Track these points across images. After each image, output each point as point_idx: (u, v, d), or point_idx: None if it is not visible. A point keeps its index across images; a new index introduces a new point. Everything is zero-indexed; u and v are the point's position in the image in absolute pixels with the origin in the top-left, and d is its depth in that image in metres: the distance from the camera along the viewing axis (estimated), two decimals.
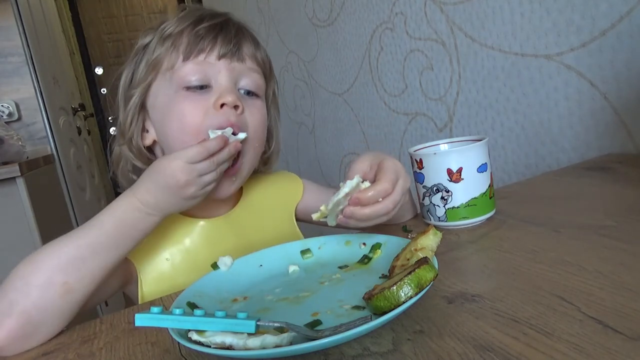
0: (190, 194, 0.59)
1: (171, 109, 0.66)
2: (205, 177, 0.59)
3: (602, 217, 0.54)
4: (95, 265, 0.56)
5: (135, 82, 0.69)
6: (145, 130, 0.71)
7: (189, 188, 0.59)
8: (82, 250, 0.55)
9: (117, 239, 0.57)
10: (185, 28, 0.67)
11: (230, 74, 0.67)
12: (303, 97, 1.97)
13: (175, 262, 0.69)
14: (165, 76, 0.67)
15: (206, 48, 0.66)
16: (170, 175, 0.58)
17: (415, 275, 0.38)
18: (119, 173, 0.73)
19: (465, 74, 1.10)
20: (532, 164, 0.98)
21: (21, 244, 1.73)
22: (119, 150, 0.72)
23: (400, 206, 0.58)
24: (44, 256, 0.54)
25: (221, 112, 0.64)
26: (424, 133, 1.31)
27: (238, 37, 0.68)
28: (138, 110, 0.69)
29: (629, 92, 0.77)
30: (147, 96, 0.69)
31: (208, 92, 0.66)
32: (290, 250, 0.58)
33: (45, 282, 0.52)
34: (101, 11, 4.34)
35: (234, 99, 0.64)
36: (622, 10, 0.75)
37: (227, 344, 0.37)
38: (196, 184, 0.59)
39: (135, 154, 0.71)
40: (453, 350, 0.34)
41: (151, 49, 0.68)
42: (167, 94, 0.67)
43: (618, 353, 0.30)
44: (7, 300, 0.52)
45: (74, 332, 0.53)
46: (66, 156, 2.34)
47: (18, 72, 2.14)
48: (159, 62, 0.67)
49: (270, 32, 2.14)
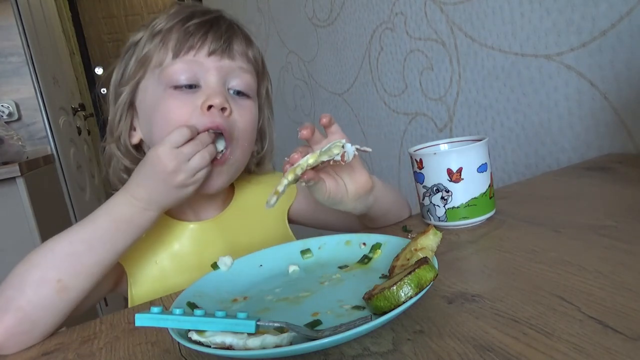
0: (180, 180, 0.58)
1: (158, 107, 0.65)
2: (193, 162, 0.58)
3: (602, 217, 0.54)
4: (90, 261, 0.55)
5: (125, 79, 0.69)
6: (133, 128, 0.70)
7: (178, 175, 0.57)
8: (75, 246, 0.55)
9: (112, 233, 0.57)
10: (175, 24, 0.66)
11: (219, 74, 0.65)
12: (303, 97, 1.97)
13: (164, 265, 0.68)
14: (154, 73, 0.66)
15: (196, 45, 0.65)
16: (157, 163, 0.57)
17: (415, 275, 0.38)
18: (110, 172, 0.72)
19: (465, 74, 1.10)
20: (532, 164, 0.98)
21: (21, 244, 1.73)
22: (110, 150, 0.71)
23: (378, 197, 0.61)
24: (39, 253, 0.55)
25: (208, 113, 0.63)
26: (424, 133, 1.31)
27: (229, 34, 0.67)
28: (127, 107, 0.69)
29: (629, 92, 0.77)
30: (136, 93, 0.68)
31: (196, 91, 0.65)
32: (290, 250, 0.58)
33: (39, 279, 0.53)
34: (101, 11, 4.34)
35: (221, 101, 0.63)
36: (622, 10, 0.75)
37: (227, 344, 0.37)
38: (185, 170, 0.57)
39: (123, 153, 0.70)
40: (453, 350, 0.34)
41: (141, 45, 0.68)
42: (155, 91, 0.66)
43: (618, 353, 0.30)
44: (4, 297, 0.52)
45: (74, 332, 0.53)
46: (66, 156, 2.34)
47: (18, 72, 2.14)
48: (148, 58, 0.66)
49: (270, 32, 2.14)
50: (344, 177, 0.57)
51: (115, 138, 0.69)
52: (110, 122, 0.70)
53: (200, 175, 0.60)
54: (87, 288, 0.56)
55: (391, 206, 0.68)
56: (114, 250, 0.57)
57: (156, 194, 0.58)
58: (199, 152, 0.58)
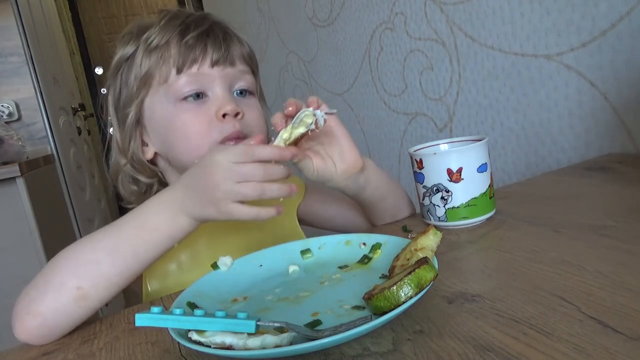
0: (215, 197, 0.50)
1: (174, 123, 0.66)
2: (240, 187, 0.50)
3: (602, 217, 0.54)
4: (110, 272, 0.53)
5: (127, 99, 0.69)
6: (145, 144, 0.71)
7: (216, 191, 0.50)
8: (97, 254, 0.53)
9: (136, 243, 0.54)
10: (171, 38, 0.66)
11: (224, 81, 0.67)
12: (303, 97, 1.97)
13: (180, 260, 0.69)
14: (158, 91, 0.67)
15: (198, 58, 0.66)
16: (208, 170, 0.51)
17: (415, 275, 0.38)
18: (119, 185, 0.73)
19: (465, 74, 1.10)
20: (532, 164, 0.98)
21: (21, 244, 1.73)
22: (117, 162, 0.72)
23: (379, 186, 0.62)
24: (64, 255, 0.54)
25: (225, 121, 0.65)
26: (424, 133, 1.31)
27: (226, 41, 0.69)
28: (135, 127, 0.70)
29: (629, 92, 0.77)
30: (142, 111, 0.69)
31: (205, 101, 0.66)
32: (290, 250, 0.58)
33: (59, 285, 0.52)
34: (101, 11, 4.34)
35: (233, 108, 0.65)
36: (622, 10, 0.75)
37: (227, 344, 0.37)
38: (225, 189, 0.50)
39: (138, 169, 0.71)
40: (453, 350, 0.34)
41: (137, 62, 0.67)
42: (164, 108, 0.67)
43: (618, 353, 0.30)
44: (28, 298, 0.52)
45: (74, 332, 0.53)
46: (66, 156, 2.34)
47: (18, 72, 2.14)
48: (150, 76, 0.67)
49: (270, 32, 2.14)
50: (333, 155, 0.60)
51: (129, 159, 0.70)
52: (118, 143, 0.71)
53: (242, 211, 0.51)
54: (107, 297, 0.54)
55: (387, 193, 0.69)
56: (137, 260, 0.54)
57: (190, 201, 0.53)
58: (253, 182, 0.50)
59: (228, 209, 0.51)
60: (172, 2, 4.43)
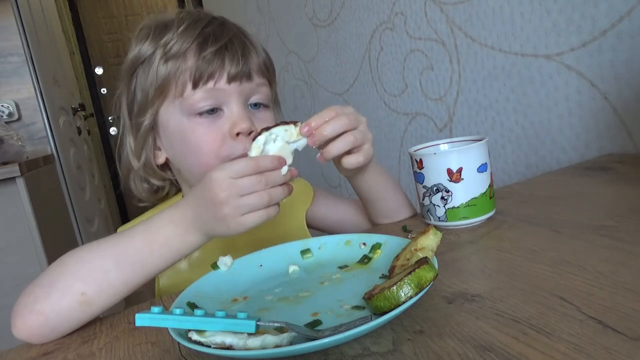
0: (225, 214, 0.51)
1: (187, 138, 0.66)
2: (246, 199, 0.50)
3: (602, 217, 0.54)
4: (116, 281, 0.53)
5: (142, 105, 0.69)
6: (157, 148, 0.71)
7: (224, 207, 0.50)
8: (105, 261, 0.53)
9: (144, 255, 0.54)
10: (188, 48, 0.65)
11: (240, 97, 0.66)
12: (303, 97, 1.97)
13: (192, 257, 0.69)
14: (174, 102, 0.66)
15: (215, 74, 0.65)
16: (209, 188, 0.51)
17: (415, 275, 0.38)
18: (130, 183, 0.74)
19: (465, 74, 1.10)
20: (532, 164, 0.98)
21: (21, 244, 1.73)
22: (129, 163, 0.72)
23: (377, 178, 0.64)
24: (73, 257, 0.54)
25: (237, 140, 0.64)
26: (424, 133, 1.31)
27: (245, 56, 0.67)
28: (148, 132, 0.70)
29: (629, 92, 0.77)
30: (157, 119, 0.69)
31: (220, 116, 0.66)
32: (290, 250, 0.58)
33: (65, 287, 0.52)
34: (101, 11, 4.34)
35: (248, 126, 0.64)
36: (622, 10, 0.75)
37: (227, 344, 0.37)
38: (233, 205, 0.50)
39: (150, 174, 0.72)
40: (453, 351, 0.34)
41: (154, 67, 0.66)
42: (178, 121, 0.67)
43: (618, 353, 0.30)
44: (32, 295, 0.52)
45: (74, 332, 0.53)
46: (66, 156, 2.34)
47: (18, 72, 2.14)
48: (167, 85, 0.66)
49: (270, 32, 2.14)
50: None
51: (141, 164, 0.71)
52: (133, 148, 0.71)
53: (251, 219, 0.51)
54: (109, 305, 0.54)
55: (385, 185, 0.70)
56: (143, 272, 0.54)
57: (200, 221, 0.53)
58: (258, 192, 0.51)
59: (239, 223, 0.51)
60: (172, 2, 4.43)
